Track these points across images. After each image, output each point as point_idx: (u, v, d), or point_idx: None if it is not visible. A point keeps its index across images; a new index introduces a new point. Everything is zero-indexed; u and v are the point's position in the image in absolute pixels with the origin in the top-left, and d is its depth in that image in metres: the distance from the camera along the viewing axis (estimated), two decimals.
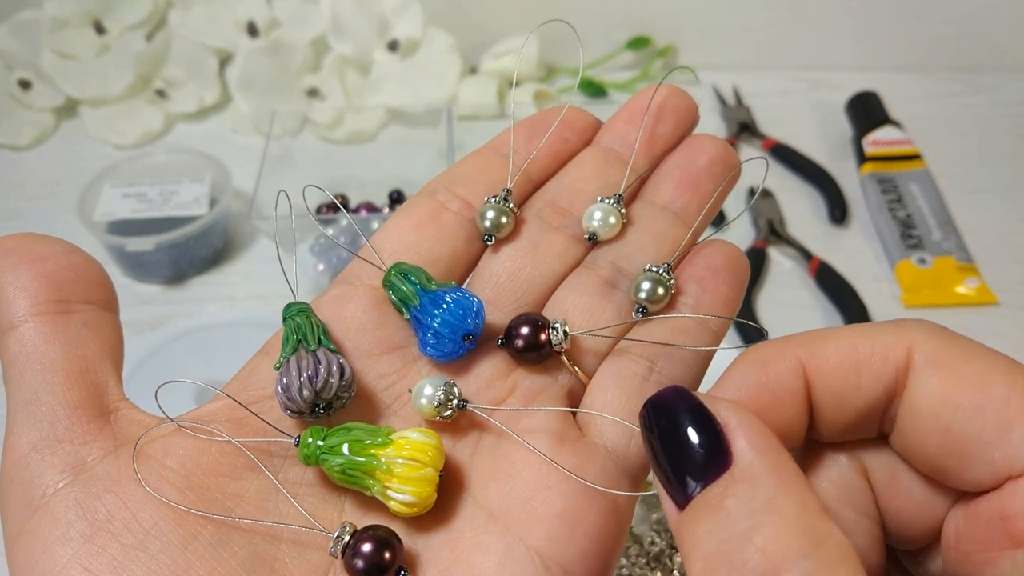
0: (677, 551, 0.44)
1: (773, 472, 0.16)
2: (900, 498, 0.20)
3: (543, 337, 0.24)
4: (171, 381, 0.22)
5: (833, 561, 0.15)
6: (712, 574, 0.15)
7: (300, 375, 0.22)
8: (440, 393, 0.23)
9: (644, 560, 0.43)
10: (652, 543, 0.44)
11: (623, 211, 0.27)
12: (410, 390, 0.24)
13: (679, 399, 0.17)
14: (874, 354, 0.19)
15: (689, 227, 0.27)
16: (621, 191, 0.27)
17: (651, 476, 0.18)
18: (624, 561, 0.43)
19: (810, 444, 0.21)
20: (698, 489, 0.16)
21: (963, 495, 0.19)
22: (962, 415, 0.18)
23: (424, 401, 0.23)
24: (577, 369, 0.25)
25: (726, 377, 0.20)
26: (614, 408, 0.23)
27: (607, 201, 0.27)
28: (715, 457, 0.16)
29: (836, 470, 0.21)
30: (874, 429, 0.20)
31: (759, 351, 0.20)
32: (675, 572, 0.43)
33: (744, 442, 0.16)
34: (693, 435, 0.17)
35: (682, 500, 0.17)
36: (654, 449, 0.18)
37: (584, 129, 0.30)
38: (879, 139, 0.71)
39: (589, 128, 0.30)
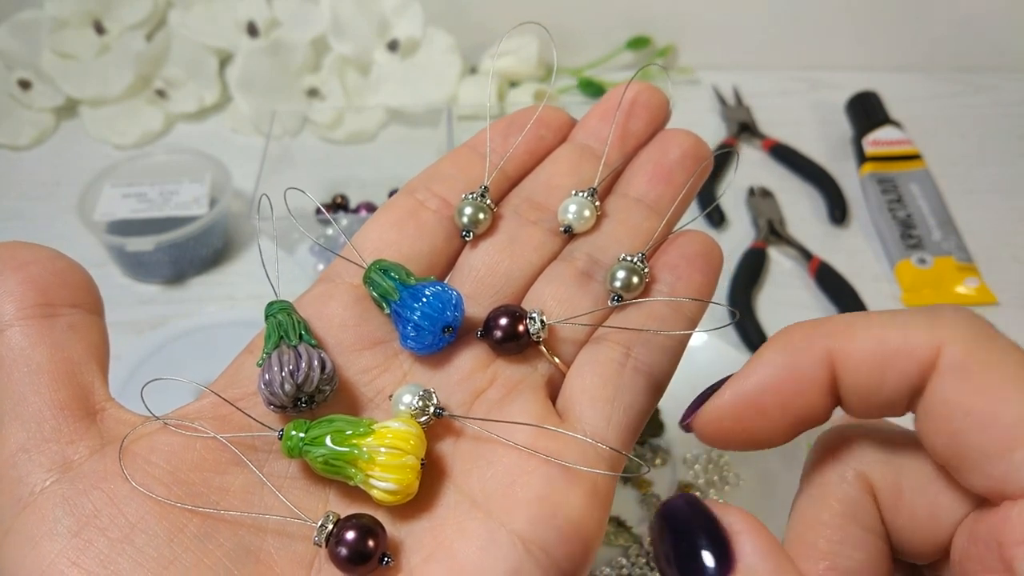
0: None
1: (776, 572, 0.17)
2: (904, 516, 0.20)
3: (521, 327, 0.25)
4: (156, 379, 0.23)
5: None
6: None
7: (282, 370, 0.22)
8: (418, 400, 0.23)
9: (644, 560, 0.43)
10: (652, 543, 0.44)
11: (597, 204, 0.28)
12: (391, 397, 0.24)
13: (690, 508, 0.19)
14: (902, 350, 0.19)
15: (662, 218, 0.28)
16: (595, 185, 0.28)
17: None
18: (624, 561, 0.43)
19: (817, 457, 0.22)
20: None
21: (968, 512, 0.19)
22: (970, 424, 0.18)
23: (403, 408, 0.23)
24: (556, 358, 0.25)
25: (755, 361, 0.20)
26: (591, 394, 0.24)
27: (581, 195, 0.28)
28: (719, 561, 0.17)
29: (842, 488, 0.21)
30: (900, 413, 0.20)
31: (789, 336, 0.20)
32: None
33: (749, 547, 0.18)
34: (703, 542, 0.18)
35: None
36: (665, 555, 0.18)
37: (559, 127, 0.30)
38: (879, 139, 0.71)
39: (564, 126, 0.31)
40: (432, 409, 0.23)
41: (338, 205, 0.66)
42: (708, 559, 0.17)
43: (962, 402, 0.18)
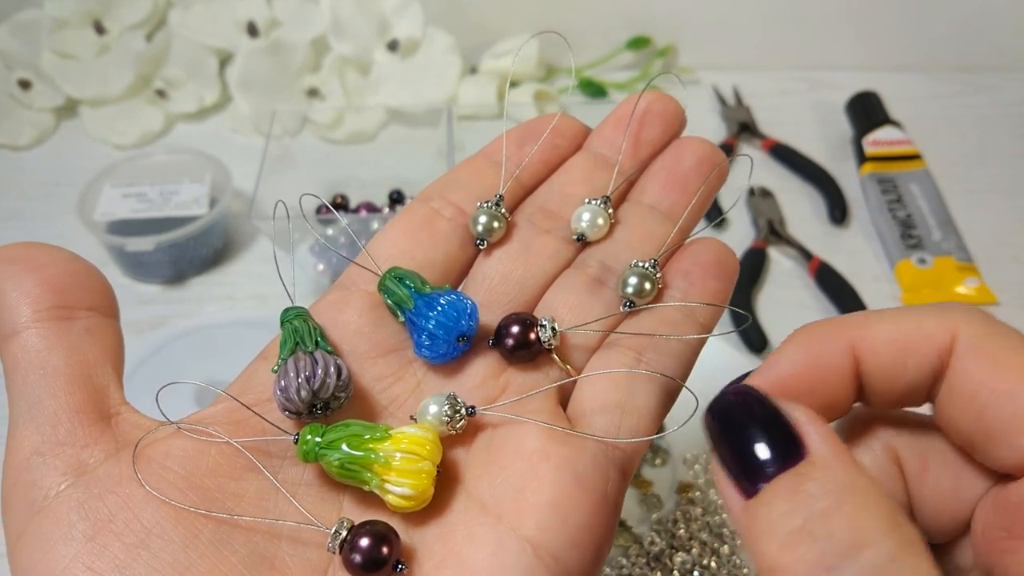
0: (677, 551, 0.44)
1: (848, 463, 0.17)
2: (929, 488, 0.21)
3: (532, 335, 0.25)
4: (173, 383, 0.23)
5: (912, 544, 0.16)
6: (793, 549, 0.16)
7: (298, 376, 0.22)
8: (447, 408, 0.23)
9: (644, 560, 0.43)
10: (652, 543, 0.44)
11: (610, 212, 0.28)
12: (412, 417, 0.24)
13: (751, 397, 0.19)
14: (920, 338, 0.20)
15: (676, 225, 0.28)
16: (608, 193, 0.28)
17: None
18: (624, 561, 0.43)
19: (846, 429, 0.22)
20: (770, 476, 0.17)
21: (991, 485, 0.20)
22: (995, 400, 0.18)
23: (431, 419, 0.23)
24: (568, 365, 0.25)
25: (778, 353, 0.21)
26: (602, 400, 0.24)
27: (594, 202, 0.28)
28: (789, 449, 0.17)
29: (869, 456, 0.22)
30: (920, 401, 0.21)
31: (810, 330, 0.21)
32: (675, 572, 0.43)
33: (817, 436, 0.17)
34: (767, 430, 0.18)
35: (751, 490, 0.17)
36: (723, 443, 0.18)
37: (574, 135, 0.30)
38: (879, 139, 0.71)
39: (579, 134, 0.31)
40: (464, 410, 0.23)
41: (338, 205, 0.66)
42: (775, 452, 0.17)
43: (985, 380, 0.19)
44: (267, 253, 0.64)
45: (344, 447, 0.22)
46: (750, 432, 0.18)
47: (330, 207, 0.27)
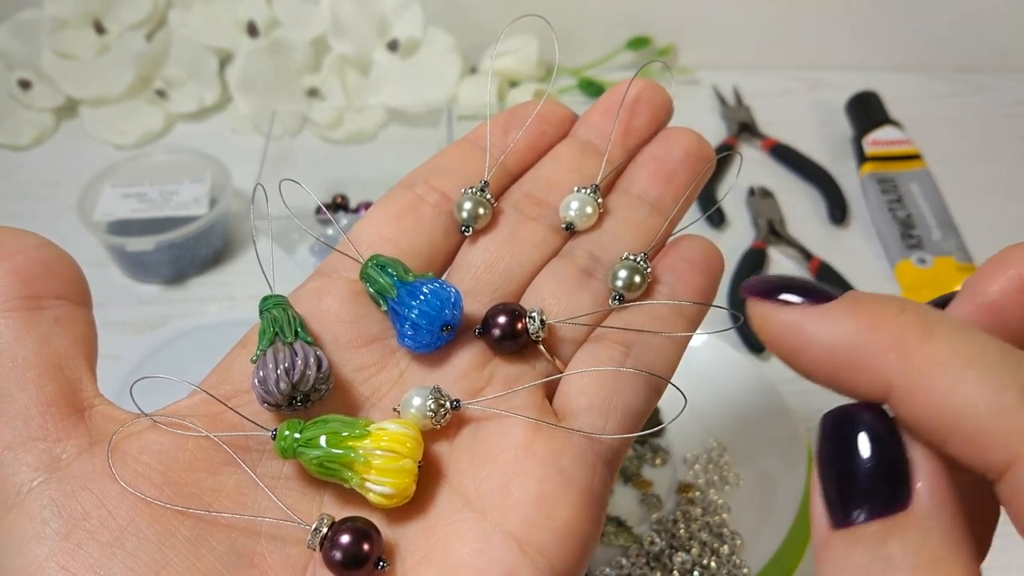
0: (677, 551, 0.44)
1: (948, 530, 0.15)
2: None
3: (520, 326, 0.24)
4: (146, 377, 0.22)
5: None
6: None
7: (277, 367, 0.22)
8: (431, 401, 0.23)
9: (644, 560, 0.43)
10: (652, 543, 0.44)
11: (599, 201, 0.27)
12: (395, 409, 0.23)
13: (876, 419, 0.16)
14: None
15: (665, 218, 0.28)
16: (597, 182, 0.28)
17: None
18: (624, 561, 0.43)
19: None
20: (862, 516, 0.15)
21: None
22: None
23: (415, 412, 0.23)
24: (555, 358, 0.25)
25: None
26: (589, 394, 0.24)
27: (584, 191, 0.27)
28: (894, 492, 0.15)
29: None
30: None
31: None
32: (675, 572, 0.43)
33: (927, 489, 0.15)
34: (879, 467, 0.16)
35: (841, 520, 0.16)
36: (828, 461, 0.16)
37: (560, 122, 0.30)
38: (879, 139, 0.71)
39: (565, 121, 0.30)
40: (448, 403, 0.23)
41: (338, 205, 0.66)
42: (878, 494, 0.15)
43: None
44: (264, 251, 0.64)
45: (323, 444, 0.21)
46: (862, 462, 0.16)
47: (321, 205, 0.27)
